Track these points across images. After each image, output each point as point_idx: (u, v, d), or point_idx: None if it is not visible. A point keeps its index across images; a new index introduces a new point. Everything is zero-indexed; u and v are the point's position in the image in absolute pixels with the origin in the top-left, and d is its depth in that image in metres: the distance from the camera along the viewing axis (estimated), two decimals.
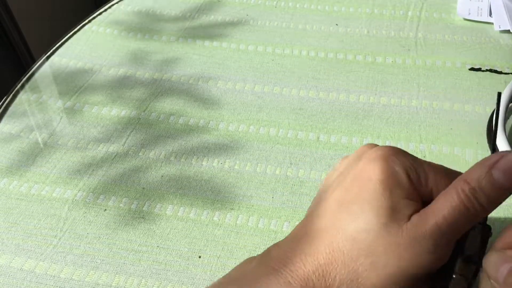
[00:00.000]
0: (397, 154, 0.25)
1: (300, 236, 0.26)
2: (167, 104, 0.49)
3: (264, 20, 0.61)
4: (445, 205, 0.23)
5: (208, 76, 0.53)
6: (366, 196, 0.25)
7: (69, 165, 0.44)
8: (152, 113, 0.48)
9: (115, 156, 0.44)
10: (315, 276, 0.24)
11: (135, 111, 0.49)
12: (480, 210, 0.23)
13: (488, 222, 0.24)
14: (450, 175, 0.25)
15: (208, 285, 0.27)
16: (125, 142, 0.46)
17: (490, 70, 0.52)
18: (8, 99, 0.51)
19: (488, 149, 0.43)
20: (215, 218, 0.39)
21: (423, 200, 0.25)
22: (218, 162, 0.43)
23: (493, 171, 0.22)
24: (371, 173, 0.25)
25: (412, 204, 0.24)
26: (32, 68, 0.55)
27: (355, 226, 0.24)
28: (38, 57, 0.57)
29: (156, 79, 0.52)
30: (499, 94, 0.24)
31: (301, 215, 0.31)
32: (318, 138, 0.45)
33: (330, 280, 0.24)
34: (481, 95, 0.49)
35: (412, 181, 0.25)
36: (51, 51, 0.57)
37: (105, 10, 0.64)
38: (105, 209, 0.40)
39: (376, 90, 0.50)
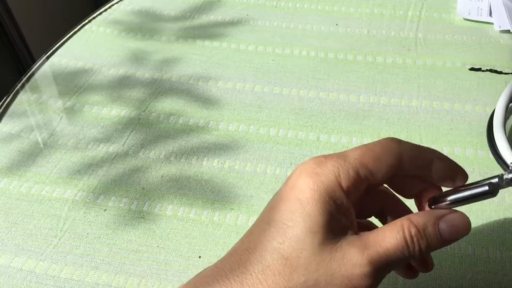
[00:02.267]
0: (321, 164, 0.25)
1: (231, 255, 0.26)
2: (167, 104, 0.49)
3: (264, 20, 0.61)
4: (389, 238, 0.23)
5: (208, 76, 0.53)
6: (297, 215, 0.24)
7: (69, 165, 0.44)
8: (152, 113, 0.48)
9: (115, 156, 0.44)
10: None
11: (135, 111, 0.49)
12: (416, 253, 0.24)
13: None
14: (373, 152, 0.25)
15: None
16: (125, 142, 0.46)
17: (490, 70, 0.52)
18: (8, 99, 0.51)
19: (489, 149, 0.43)
20: (215, 218, 0.39)
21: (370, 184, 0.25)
22: (218, 162, 0.43)
23: (440, 223, 0.24)
24: (299, 192, 0.24)
25: (346, 219, 0.24)
26: (32, 68, 0.55)
27: (288, 246, 0.24)
28: (38, 57, 0.57)
29: (156, 79, 0.52)
30: None
31: None
32: (318, 138, 0.45)
33: None
34: (481, 95, 0.49)
35: (343, 188, 0.24)
36: (51, 51, 0.57)
37: (105, 10, 0.64)
38: (105, 209, 0.40)
39: (376, 90, 0.50)
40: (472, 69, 0.52)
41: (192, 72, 0.53)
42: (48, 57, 0.56)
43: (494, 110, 0.44)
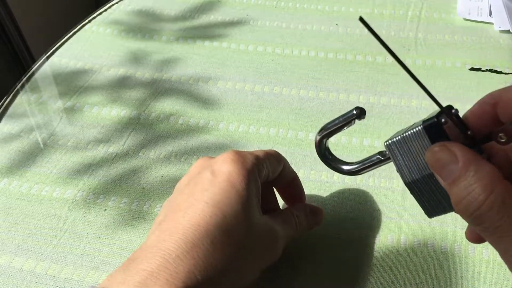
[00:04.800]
0: (244, 157, 0.31)
1: (173, 234, 0.27)
2: (167, 104, 0.49)
3: (264, 20, 0.61)
4: (283, 219, 0.33)
5: (208, 76, 0.53)
6: (231, 195, 0.28)
7: (69, 165, 0.44)
8: (152, 113, 0.48)
9: (115, 156, 0.44)
10: (196, 272, 0.26)
11: (135, 111, 0.49)
12: (298, 228, 0.34)
13: None
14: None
15: None
16: (125, 142, 0.46)
17: (490, 70, 0.52)
18: (8, 99, 0.51)
19: None
20: None
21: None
22: None
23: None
24: (229, 176, 0.29)
25: (269, 202, 0.35)
26: (32, 68, 0.55)
27: (228, 222, 0.28)
28: (38, 57, 0.57)
29: (156, 79, 0.52)
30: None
31: None
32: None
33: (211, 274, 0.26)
34: (481, 95, 0.48)
35: (261, 180, 0.31)
36: (51, 51, 0.57)
37: (105, 10, 0.64)
38: (105, 209, 0.40)
39: (376, 90, 0.50)
40: (472, 69, 0.52)
41: (192, 72, 0.53)
42: (48, 57, 0.56)
43: None
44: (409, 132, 0.24)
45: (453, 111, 0.24)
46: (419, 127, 0.23)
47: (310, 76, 0.52)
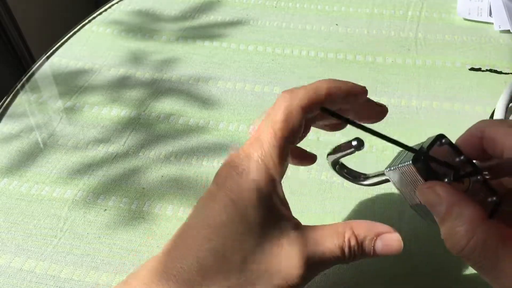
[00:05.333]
0: (244, 161, 0.25)
1: (166, 254, 0.25)
2: (167, 104, 0.49)
3: (264, 20, 0.61)
4: (328, 243, 0.24)
5: (208, 76, 0.53)
6: (231, 214, 0.24)
7: (69, 165, 0.44)
8: (152, 113, 0.48)
9: (115, 156, 0.44)
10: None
11: (135, 111, 0.49)
12: (349, 261, 0.25)
13: None
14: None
15: None
16: (125, 142, 0.46)
17: (490, 70, 0.52)
18: (8, 99, 0.51)
19: None
20: None
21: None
22: (218, 162, 0.43)
23: (377, 240, 0.25)
24: (230, 191, 0.24)
25: (280, 209, 0.25)
26: (32, 68, 0.55)
27: (224, 244, 0.23)
28: (38, 57, 0.57)
29: (156, 79, 0.52)
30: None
31: (300, 215, 0.31)
32: (318, 138, 0.45)
33: None
34: (481, 95, 0.49)
35: (273, 177, 0.25)
36: (51, 51, 0.57)
37: (105, 10, 0.64)
38: (105, 209, 0.40)
39: (376, 90, 0.50)
40: (472, 69, 0.52)
41: (192, 72, 0.53)
42: (48, 57, 0.56)
43: (494, 110, 0.44)
44: (400, 166, 0.25)
45: (443, 140, 0.24)
46: (408, 163, 0.24)
47: (310, 76, 0.52)
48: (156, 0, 0.65)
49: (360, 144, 0.25)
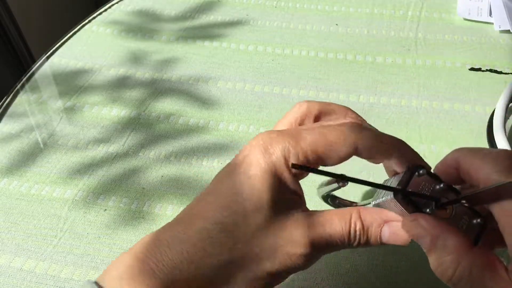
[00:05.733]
0: (274, 143, 0.25)
1: (174, 225, 0.26)
2: (167, 104, 0.49)
3: (264, 20, 0.61)
4: (335, 225, 0.24)
5: (208, 76, 0.53)
6: (244, 190, 0.24)
7: (69, 165, 0.44)
8: (152, 113, 0.48)
9: (115, 156, 0.44)
10: (183, 264, 0.24)
11: (135, 111, 0.49)
12: (354, 245, 0.25)
13: None
14: (326, 139, 0.25)
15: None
16: (125, 142, 0.46)
17: (490, 70, 0.52)
18: (8, 99, 0.51)
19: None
20: None
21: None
22: (218, 162, 0.43)
23: (384, 227, 0.25)
24: (249, 167, 0.24)
25: (292, 198, 0.25)
26: (32, 68, 0.55)
27: (233, 219, 0.24)
28: (38, 57, 0.57)
29: (156, 79, 0.52)
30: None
31: None
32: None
33: (201, 267, 0.24)
34: (481, 95, 0.49)
35: (290, 170, 0.25)
36: (51, 51, 0.57)
37: (105, 10, 0.64)
38: (105, 209, 0.40)
39: (376, 90, 0.50)
40: (472, 69, 0.52)
41: (192, 72, 0.53)
42: (48, 57, 0.56)
43: (494, 110, 0.44)
44: (384, 199, 0.25)
45: (421, 171, 0.24)
46: (390, 197, 0.24)
47: (310, 76, 0.52)
48: (156, 0, 0.65)
49: (344, 182, 0.26)
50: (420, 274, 0.35)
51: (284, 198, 0.25)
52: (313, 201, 0.30)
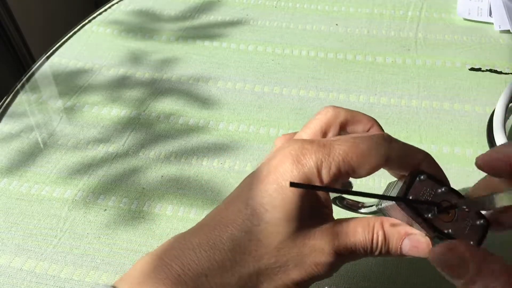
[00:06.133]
0: (306, 154, 0.24)
1: (200, 229, 0.25)
2: (167, 104, 0.49)
3: (264, 20, 0.61)
4: (359, 235, 0.25)
5: (208, 76, 0.53)
6: (276, 200, 0.24)
7: (69, 165, 0.44)
8: (152, 113, 0.48)
9: (115, 156, 0.44)
10: (210, 271, 0.23)
11: (135, 111, 0.49)
12: (375, 255, 0.25)
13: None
14: (359, 149, 0.25)
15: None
16: (125, 142, 0.46)
17: (490, 70, 0.52)
18: (8, 99, 0.51)
19: (489, 149, 0.43)
20: None
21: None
22: (218, 162, 0.43)
23: (405, 239, 0.25)
24: (281, 177, 0.24)
25: (322, 210, 0.25)
26: (32, 68, 0.55)
27: (263, 229, 0.24)
28: (38, 57, 0.57)
29: (156, 79, 0.52)
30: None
31: None
32: None
33: (229, 276, 0.23)
34: (481, 95, 0.49)
35: (323, 182, 0.24)
36: (51, 51, 0.57)
37: (105, 10, 0.64)
38: (105, 209, 0.40)
39: (376, 90, 0.50)
40: (472, 69, 0.52)
41: (192, 72, 0.53)
42: (48, 57, 0.56)
43: (494, 110, 0.44)
44: (387, 204, 0.25)
45: (422, 177, 0.24)
46: (393, 202, 0.24)
47: (310, 76, 0.52)
48: (156, 0, 0.65)
49: (349, 185, 0.28)
50: (420, 274, 0.35)
51: (314, 208, 0.25)
52: None
